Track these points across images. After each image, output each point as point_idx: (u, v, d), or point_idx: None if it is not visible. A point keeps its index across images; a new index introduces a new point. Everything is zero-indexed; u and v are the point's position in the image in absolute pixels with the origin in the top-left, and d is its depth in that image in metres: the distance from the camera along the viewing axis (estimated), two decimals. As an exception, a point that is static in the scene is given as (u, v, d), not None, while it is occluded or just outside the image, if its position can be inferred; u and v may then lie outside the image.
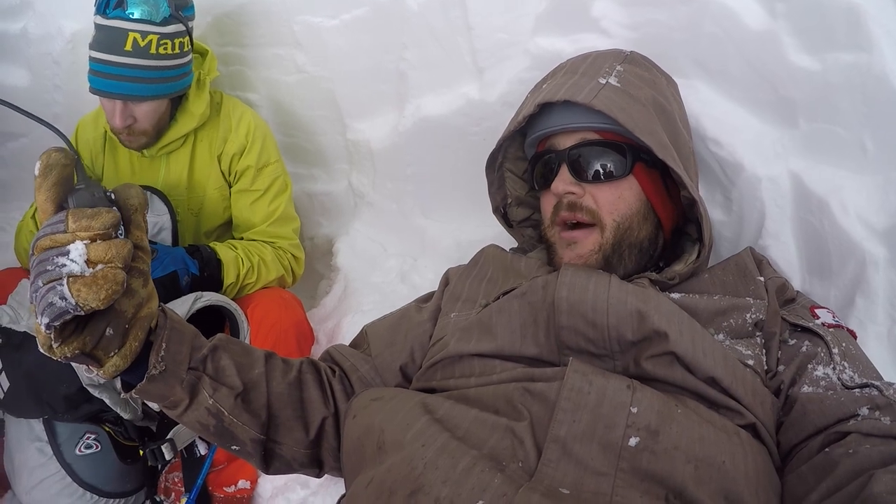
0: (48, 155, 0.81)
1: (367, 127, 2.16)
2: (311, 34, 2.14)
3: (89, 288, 0.77)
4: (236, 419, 1.09)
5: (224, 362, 1.10)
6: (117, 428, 1.82)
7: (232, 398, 1.09)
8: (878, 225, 1.31)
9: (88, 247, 0.79)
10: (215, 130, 2.05)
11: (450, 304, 1.32)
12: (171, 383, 1.02)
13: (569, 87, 1.26)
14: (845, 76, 1.33)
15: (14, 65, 2.58)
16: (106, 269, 0.79)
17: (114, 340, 0.87)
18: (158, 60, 1.78)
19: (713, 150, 1.51)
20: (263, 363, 1.17)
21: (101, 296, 0.78)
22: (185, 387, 1.04)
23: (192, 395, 1.05)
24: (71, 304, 0.77)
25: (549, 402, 0.97)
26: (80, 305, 0.77)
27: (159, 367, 0.98)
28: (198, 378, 1.06)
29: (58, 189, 0.81)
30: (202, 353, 1.07)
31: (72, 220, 0.79)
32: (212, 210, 2.09)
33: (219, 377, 1.08)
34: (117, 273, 0.79)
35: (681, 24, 1.53)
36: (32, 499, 1.76)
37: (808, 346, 1.10)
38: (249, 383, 1.12)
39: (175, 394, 1.03)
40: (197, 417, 1.07)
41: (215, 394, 1.07)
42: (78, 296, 0.76)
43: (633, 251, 1.25)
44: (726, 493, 0.89)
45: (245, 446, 1.13)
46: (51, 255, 0.78)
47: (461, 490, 0.85)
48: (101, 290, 0.78)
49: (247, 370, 1.13)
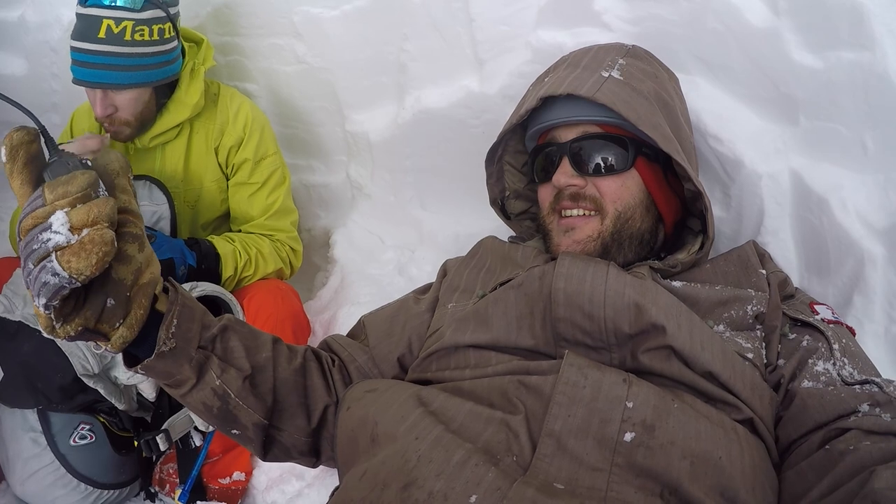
0: (9, 137, 0.78)
1: (366, 118, 2.16)
2: (311, 24, 2.12)
3: (78, 256, 0.74)
4: (242, 402, 1.08)
5: (233, 343, 1.09)
6: (112, 418, 1.82)
7: (240, 380, 1.07)
8: (877, 224, 1.31)
9: (69, 213, 0.76)
10: (212, 122, 2.03)
11: (447, 294, 1.32)
12: (180, 361, 1.00)
13: (571, 80, 1.26)
14: (847, 74, 1.33)
15: (11, 53, 2.57)
16: (91, 232, 0.76)
17: (117, 311, 0.84)
18: (135, 47, 1.74)
19: (713, 147, 1.50)
20: (271, 347, 1.16)
21: (91, 261, 0.75)
22: (193, 366, 1.02)
23: (199, 375, 1.03)
24: (64, 278, 0.74)
25: (544, 396, 0.96)
26: (74, 277, 0.74)
27: (169, 343, 0.96)
28: (206, 357, 1.04)
29: (29, 168, 0.79)
30: (212, 333, 1.05)
31: (48, 192, 0.76)
32: (209, 202, 2.07)
33: (227, 358, 1.07)
34: (104, 233, 0.76)
35: (683, 19, 1.53)
36: (26, 490, 1.76)
37: (808, 340, 1.10)
38: (257, 367, 1.11)
39: (182, 372, 1.01)
40: (202, 398, 1.06)
41: (223, 375, 1.06)
42: (69, 267, 0.74)
43: (632, 242, 1.25)
44: (722, 490, 0.88)
45: (246, 431, 1.12)
46: (35, 234, 0.76)
47: (455, 484, 0.85)
48: (90, 254, 0.75)
49: (255, 353, 1.12)
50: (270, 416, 1.13)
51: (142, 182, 1.93)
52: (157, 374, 1.00)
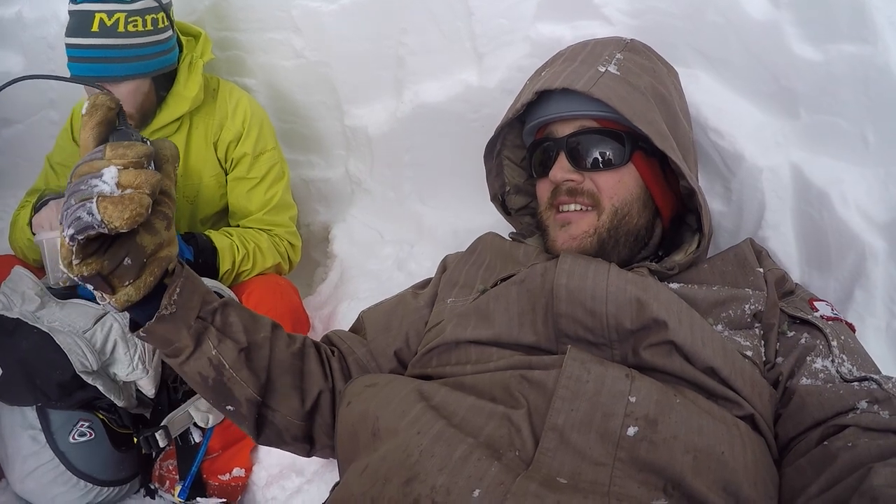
0: (95, 97, 0.88)
1: (365, 113, 2.15)
2: (310, 19, 2.11)
3: (115, 206, 0.82)
4: (236, 374, 1.11)
5: (232, 318, 1.12)
6: (111, 415, 1.81)
7: (235, 352, 1.10)
8: (878, 218, 1.31)
9: (121, 172, 0.84)
10: (211, 117, 2.02)
11: (446, 290, 1.32)
12: (179, 326, 1.04)
13: (567, 74, 1.26)
14: (848, 67, 1.33)
15: (8, 50, 2.56)
16: (134, 192, 0.83)
17: (130, 270, 0.90)
18: (129, 38, 1.74)
19: (714, 140, 1.50)
20: (270, 330, 1.19)
21: (125, 215, 0.82)
22: (191, 333, 1.06)
23: (196, 343, 1.07)
24: (97, 220, 0.81)
25: (547, 391, 0.96)
26: (105, 223, 0.81)
27: (170, 308, 1.00)
28: (204, 327, 1.08)
29: (100, 128, 0.88)
30: (212, 306, 1.09)
31: (109, 150, 0.85)
32: (208, 197, 2.06)
33: (225, 330, 1.11)
34: (143, 197, 0.84)
35: (683, 12, 1.52)
36: (26, 487, 1.75)
37: (807, 338, 1.10)
38: (254, 343, 1.14)
39: (181, 339, 1.05)
40: (198, 367, 1.09)
41: (219, 345, 1.09)
42: (104, 213, 0.81)
43: (629, 238, 1.25)
44: (725, 484, 0.88)
45: (240, 406, 1.14)
46: (86, 178, 0.84)
47: (457, 478, 0.85)
48: (126, 209, 0.82)
49: (253, 331, 1.15)
50: (264, 394, 1.15)
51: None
52: (156, 340, 1.04)
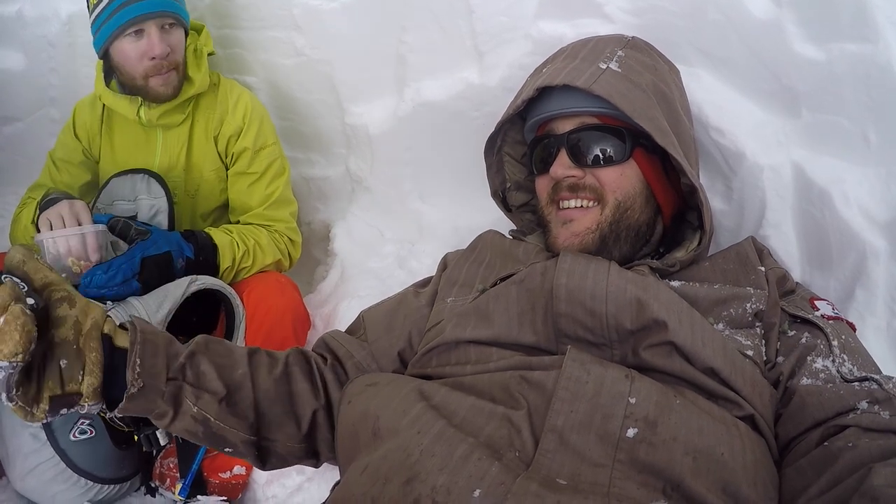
0: None
1: (365, 111, 2.14)
2: (311, 16, 2.11)
3: (4, 342, 0.80)
4: (223, 423, 1.08)
5: (203, 367, 1.09)
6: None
7: (216, 403, 1.07)
8: (879, 217, 1.31)
9: None
10: (212, 111, 2.03)
11: (446, 288, 1.31)
12: (152, 397, 1.01)
13: (568, 71, 1.26)
14: (850, 67, 1.32)
15: (9, 48, 2.55)
16: (4, 317, 0.82)
17: (74, 366, 0.90)
18: None
19: (715, 139, 1.50)
20: (247, 362, 1.15)
21: (16, 337, 0.81)
22: (166, 399, 1.03)
23: (175, 406, 1.04)
24: (5, 366, 0.81)
25: (547, 392, 0.96)
26: (11, 360, 0.81)
27: (137, 384, 0.98)
28: (178, 388, 1.05)
29: None
30: (179, 362, 1.06)
31: None
32: (208, 192, 2.08)
33: (200, 384, 1.07)
34: (13, 309, 0.82)
35: (684, 10, 1.52)
36: (26, 485, 1.76)
37: (807, 337, 1.10)
38: (233, 385, 1.11)
39: (158, 407, 1.03)
40: (184, 426, 1.07)
41: (198, 401, 1.06)
42: (2, 354, 0.80)
43: (629, 234, 1.24)
44: (724, 485, 0.88)
45: (237, 448, 1.12)
46: None
47: (458, 478, 0.85)
48: (13, 332, 0.81)
49: (229, 372, 1.12)
50: (257, 432, 1.13)
51: (140, 176, 1.94)
52: (136, 413, 1.02)
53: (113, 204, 1.90)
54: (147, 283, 1.68)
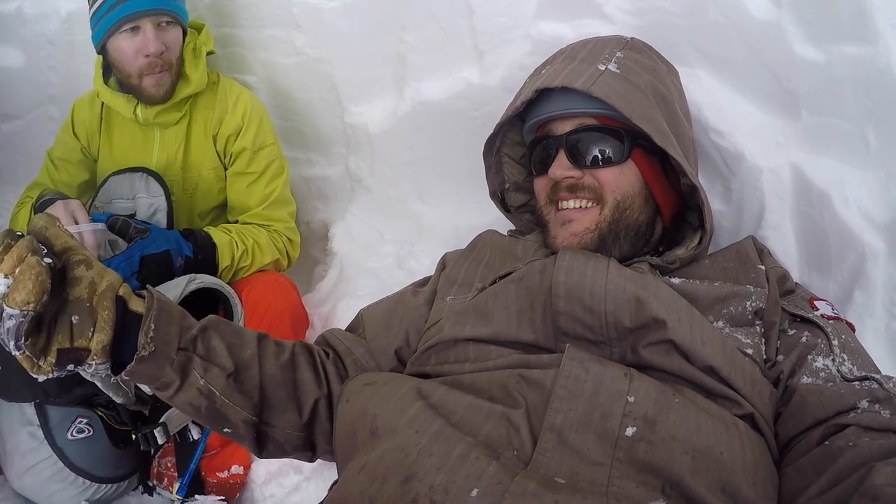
0: None
1: (365, 110, 2.14)
2: (311, 16, 2.11)
3: (18, 290, 0.81)
4: (228, 399, 1.08)
5: (214, 342, 1.09)
6: (109, 412, 1.81)
7: (223, 378, 1.07)
8: (878, 219, 1.30)
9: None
10: (211, 110, 2.03)
11: (445, 287, 1.32)
12: (161, 364, 1.01)
13: (567, 72, 1.26)
14: (849, 68, 1.32)
15: (8, 45, 2.54)
16: (21, 267, 0.83)
17: (85, 322, 0.90)
18: None
19: (714, 140, 1.50)
20: (256, 344, 1.15)
21: (29, 286, 0.82)
22: (175, 367, 1.03)
23: (182, 376, 1.04)
24: (18, 314, 0.82)
25: (545, 390, 0.96)
26: (24, 308, 0.82)
27: (149, 347, 0.98)
28: (188, 359, 1.05)
29: None
30: (192, 334, 1.06)
31: None
32: (206, 191, 2.07)
33: (210, 357, 1.07)
34: (29, 260, 0.83)
35: (684, 11, 1.52)
36: (24, 483, 1.75)
37: (807, 336, 1.10)
38: (241, 364, 1.11)
39: (165, 375, 1.02)
40: (188, 399, 1.06)
41: (206, 374, 1.06)
42: (15, 302, 0.81)
43: (629, 233, 1.24)
44: (724, 485, 0.88)
45: (237, 428, 1.11)
46: None
47: (456, 477, 0.85)
48: (27, 281, 0.82)
49: (238, 351, 1.12)
50: (259, 413, 1.13)
51: (139, 175, 1.94)
52: (141, 379, 1.02)
53: (111, 202, 1.90)
54: (146, 281, 1.67)
